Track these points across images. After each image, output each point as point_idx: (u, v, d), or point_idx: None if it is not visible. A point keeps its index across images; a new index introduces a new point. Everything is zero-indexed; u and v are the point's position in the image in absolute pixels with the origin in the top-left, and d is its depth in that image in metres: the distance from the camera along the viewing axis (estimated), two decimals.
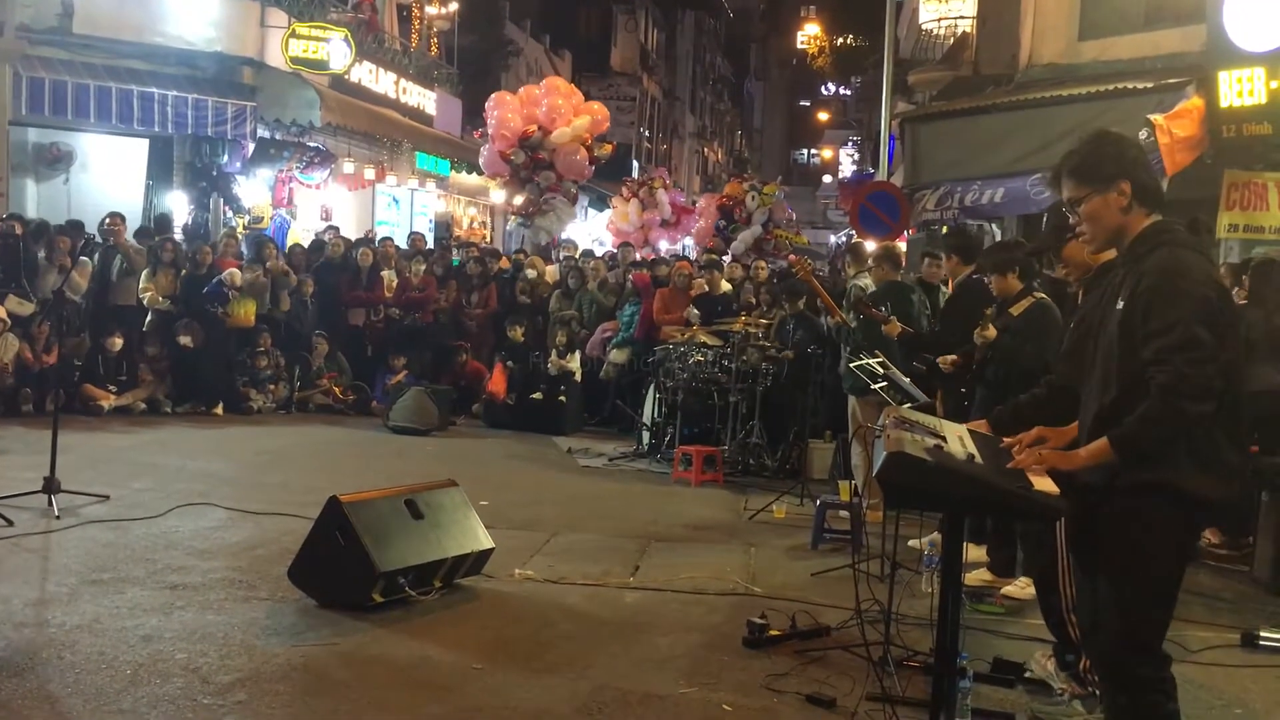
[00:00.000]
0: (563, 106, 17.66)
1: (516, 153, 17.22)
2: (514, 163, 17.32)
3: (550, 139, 17.38)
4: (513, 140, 17.28)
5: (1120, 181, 3.28)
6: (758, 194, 18.17)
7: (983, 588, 6.20)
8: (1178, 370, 3.05)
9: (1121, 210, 3.30)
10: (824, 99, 65.39)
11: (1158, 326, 3.11)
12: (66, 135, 14.71)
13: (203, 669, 4.48)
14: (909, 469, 3.12)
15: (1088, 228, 3.38)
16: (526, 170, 17.40)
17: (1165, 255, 3.20)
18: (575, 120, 17.65)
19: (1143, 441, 3.14)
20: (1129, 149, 3.41)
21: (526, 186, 17.50)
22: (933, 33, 18.18)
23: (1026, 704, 4.58)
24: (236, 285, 11.74)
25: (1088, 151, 3.36)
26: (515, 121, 17.27)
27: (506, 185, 17.83)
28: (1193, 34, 10.93)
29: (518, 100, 17.80)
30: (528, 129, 17.25)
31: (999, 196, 11.78)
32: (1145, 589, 3.19)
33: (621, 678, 4.70)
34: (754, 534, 7.64)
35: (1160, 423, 3.11)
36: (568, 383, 12.05)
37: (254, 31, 15.95)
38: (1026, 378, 5.78)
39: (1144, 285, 3.17)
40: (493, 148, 17.52)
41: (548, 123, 17.43)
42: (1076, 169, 3.36)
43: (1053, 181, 3.50)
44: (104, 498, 7.22)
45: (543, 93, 18.07)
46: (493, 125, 17.46)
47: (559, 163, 17.51)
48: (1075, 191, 3.36)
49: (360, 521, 5.34)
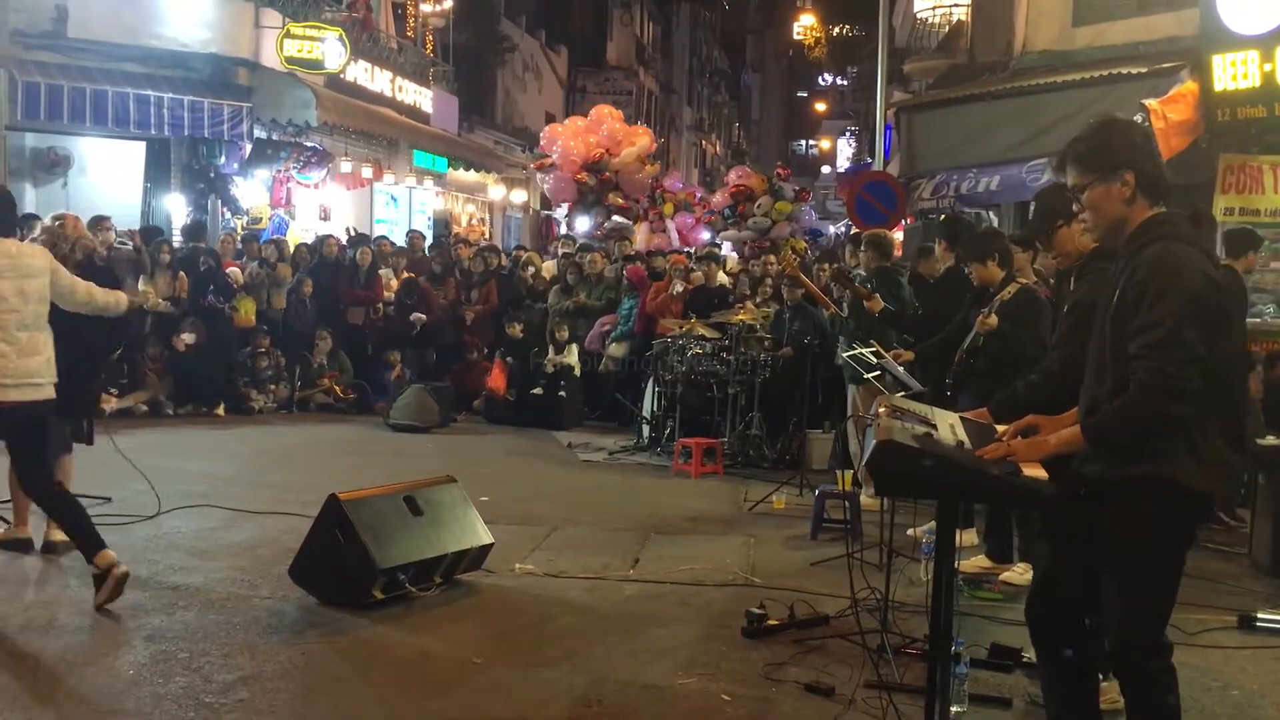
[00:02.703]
0: (620, 131, 18.48)
1: (589, 176, 17.75)
2: (588, 186, 17.85)
3: (615, 161, 18.02)
4: (579, 165, 17.87)
5: (1124, 171, 3.25)
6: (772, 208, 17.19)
7: (980, 574, 6.23)
8: (1158, 368, 3.04)
9: (1124, 201, 3.27)
10: (821, 89, 65.29)
11: (1144, 322, 3.10)
12: (64, 139, 14.70)
13: (205, 668, 4.51)
14: (898, 456, 3.14)
15: (1089, 216, 3.36)
16: (595, 193, 17.92)
17: (1160, 250, 3.17)
18: (638, 140, 18.38)
19: (1113, 433, 3.16)
20: (1136, 138, 3.37)
21: (594, 209, 17.99)
22: (928, 21, 18.20)
23: (1024, 689, 4.60)
24: (240, 282, 11.89)
25: (1094, 138, 3.33)
26: (579, 148, 17.94)
27: (572, 208, 18.51)
28: (1186, 18, 10.92)
29: (573, 129, 18.65)
30: (593, 153, 17.82)
31: (994, 184, 11.79)
32: (1145, 582, 3.20)
33: (621, 669, 4.73)
34: (754, 525, 7.66)
35: (1134, 418, 3.12)
36: (567, 378, 12.08)
37: (248, 32, 15.93)
38: (1020, 364, 5.81)
39: (1136, 279, 3.16)
40: (562, 174, 18.11)
41: (610, 145, 18.06)
42: (1081, 156, 3.33)
43: (1058, 167, 3.48)
44: (106, 500, 7.24)
45: (594, 120, 18.92)
46: (557, 154, 18.13)
47: (623, 182, 18.13)
48: (1079, 179, 3.34)
49: (360, 519, 5.37)
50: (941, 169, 12.72)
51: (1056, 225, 4.45)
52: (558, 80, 32.52)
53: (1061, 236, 4.49)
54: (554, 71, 32.05)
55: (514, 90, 28.51)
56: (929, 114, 13.65)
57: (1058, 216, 4.40)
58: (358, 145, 18.44)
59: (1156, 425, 3.11)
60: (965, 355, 6.13)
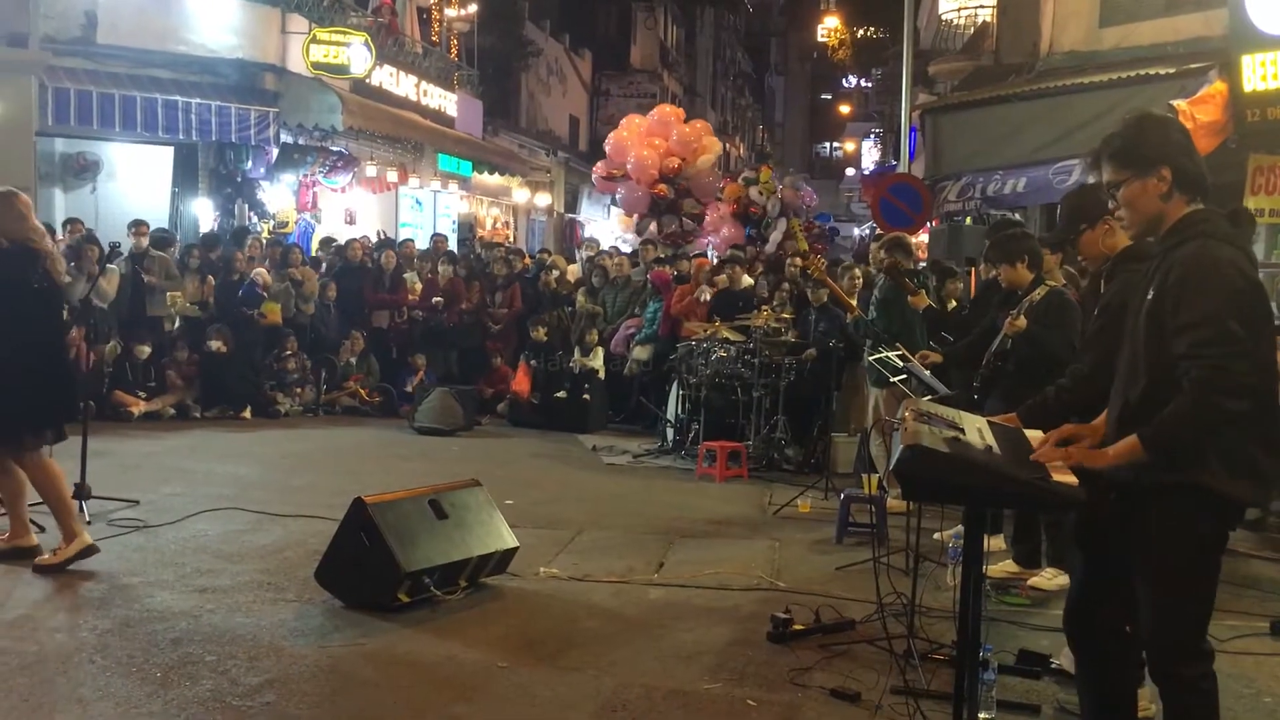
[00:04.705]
0: (688, 133, 17.53)
1: (667, 189, 17.04)
2: (665, 198, 17.15)
3: (691, 168, 17.29)
4: (656, 177, 17.06)
5: (1161, 167, 3.18)
6: (756, 184, 17.30)
7: (1009, 579, 6.18)
8: (1212, 365, 2.96)
9: (1160, 197, 3.20)
10: (845, 92, 65.06)
11: (1189, 320, 3.02)
12: (93, 145, 14.85)
13: (231, 671, 4.53)
14: (926, 462, 3.11)
15: (1125, 213, 3.29)
16: (668, 200, 17.27)
17: (1197, 247, 3.10)
18: (711, 147, 17.70)
19: (1175, 440, 3.06)
20: (1173, 133, 3.30)
21: (664, 216, 17.31)
22: (953, 23, 18.09)
23: (1054, 695, 4.57)
24: (267, 285, 11.96)
25: (1129, 134, 3.27)
26: (651, 156, 17.10)
27: (642, 216, 17.70)
28: (1215, 18, 10.81)
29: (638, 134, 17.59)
30: (668, 162, 17.08)
31: (1021, 186, 11.70)
32: (1180, 588, 3.15)
33: (646, 674, 4.71)
34: (778, 529, 7.64)
35: (1194, 420, 3.02)
36: (591, 381, 12.09)
37: (275, 38, 16.05)
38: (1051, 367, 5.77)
39: (1174, 277, 3.09)
40: (637, 185, 17.22)
41: (683, 152, 17.30)
42: (1117, 152, 3.27)
43: (1093, 164, 3.41)
44: (134, 503, 7.29)
45: (659, 122, 17.87)
46: (631, 165, 17.19)
47: (695, 189, 17.48)
48: (1114, 175, 3.27)
49: (385, 522, 5.38)
50: (967, 171, 12.64)
51: (1079, 229, 4.42)
52: (581, 84, 32.59)
53: (1085, 240, 4.46)
54: (578, 75, 32.12)
55: (538, 94, 28.60)
56: (954, 116, 13.57)
57: (1080, 220, 4.36)
58: (383, 149, 18.53)
59: (1218, 425, 3.02)
60: (993, 358, 6.09)
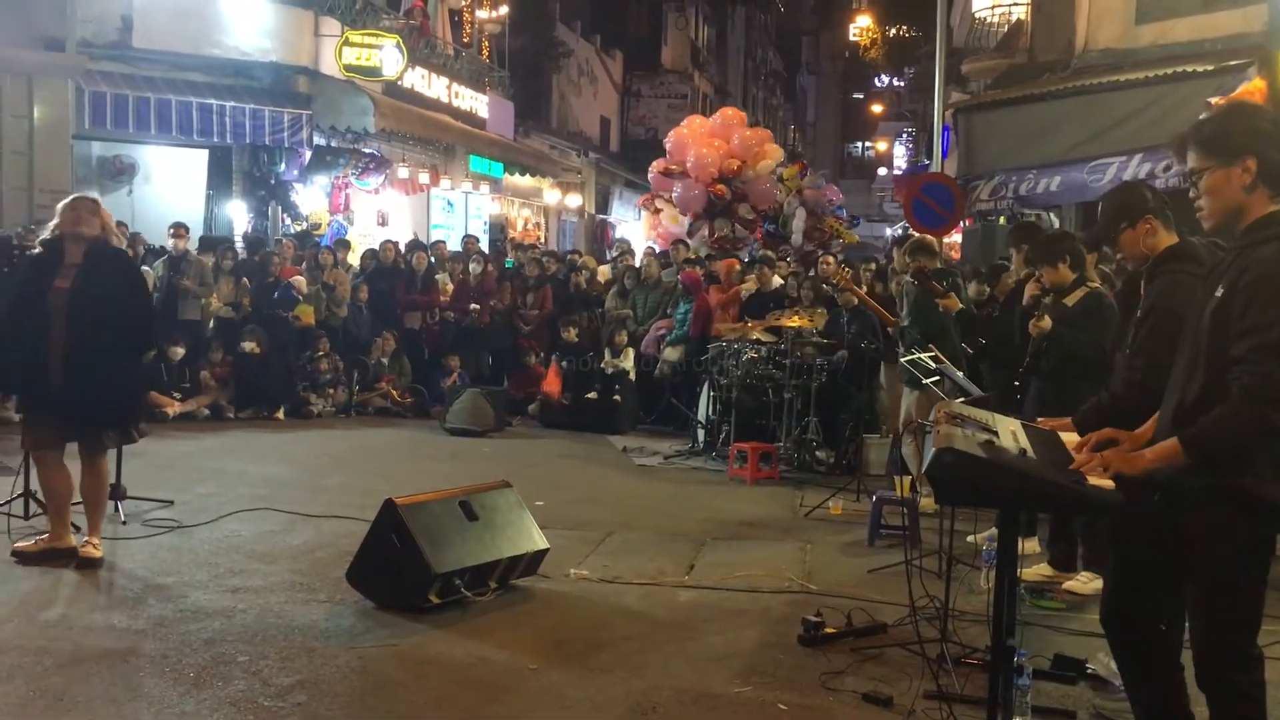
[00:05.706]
0: (750, 138, 17.54)
1: (725, 189, 16.89)
2: (723, 200, 17.01)
3: (750, 172, 17.16)
4: (715, 176, 16.96)
5: (1246, 158, 3.07)
6: (780, 182, 17.28)
7: (1043, 583, 6.12)
8: (1268, 374, 2.88)
9: (1244, 189, 3.09)
10: (877, 91, 64.69)
11: (1254, 323, 2.93)
12: (129, 148, 15.03)
13: (264, 671, 4.55)
14: (959, 464, 3.07)
15: (1205, 203, 3.18)
16: (723, 202, 17.14)
17: (1277, 249, 3.01)
18: (772, 153, 17.59)
19: (1216, 444, 3.00)
20: (1263, 123, 3.16)
21: (718, 219, 17.16)
22: (986, 20, 17.91)
23: (1089, 700, 4.51)
24: (303, 291, 12.15)
25: (1218, 121, 3.20)
26: (711, 155, 16.99)
27: (696, 217, 17.46)
28: (1253, 14, 10.68)
29: (700, 134, 17.57)
30: (728, 163, 16.97)
31: (1055, 185, 11.60)
32: (1226, 595, 3.11)
33: (676, 677, 4.69)
34: (810, 531, 7.60)
35: (1238, 427, 2.95)
36: (622, 382, 12.08)
37: (308, 41, 16.17)
38: (1084, 369, 5.72)
39: (1247, 278, 3.00)
40: (696, 184, 17.06)
41: (744, 155, 17.20)
42: (1204, 139, 3.17)
43: (1178, 150, 3.33)
44: (168, 503, 7.35)
45: (722, 125, 17.88)
46: (691, 163, 17.07)
47: (752, 194, 17.30)
48: (1198, 163, 3.17)
49: (416, 524, 5.39)
50: (1000, 170, 12.53)
51: (1120, 228, 4.36)
52: (612, 84, 32.61)
53: (1126, 239, 4.39)
54: (609, 76, 32.14)
55: (569, 95, 28.63)
56: (988, 114, 13.46)
57: (1121, 219, 4.30)
58: (415, 151, 18.62)
59: (1260, 435, 2.95)
60: (1029, 359, 6.04)
